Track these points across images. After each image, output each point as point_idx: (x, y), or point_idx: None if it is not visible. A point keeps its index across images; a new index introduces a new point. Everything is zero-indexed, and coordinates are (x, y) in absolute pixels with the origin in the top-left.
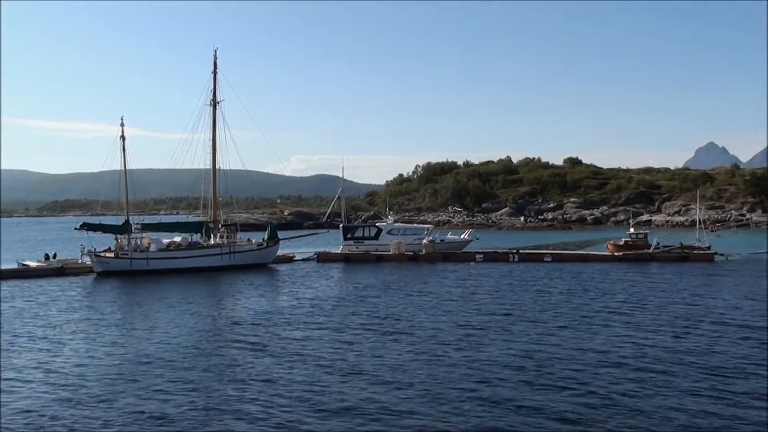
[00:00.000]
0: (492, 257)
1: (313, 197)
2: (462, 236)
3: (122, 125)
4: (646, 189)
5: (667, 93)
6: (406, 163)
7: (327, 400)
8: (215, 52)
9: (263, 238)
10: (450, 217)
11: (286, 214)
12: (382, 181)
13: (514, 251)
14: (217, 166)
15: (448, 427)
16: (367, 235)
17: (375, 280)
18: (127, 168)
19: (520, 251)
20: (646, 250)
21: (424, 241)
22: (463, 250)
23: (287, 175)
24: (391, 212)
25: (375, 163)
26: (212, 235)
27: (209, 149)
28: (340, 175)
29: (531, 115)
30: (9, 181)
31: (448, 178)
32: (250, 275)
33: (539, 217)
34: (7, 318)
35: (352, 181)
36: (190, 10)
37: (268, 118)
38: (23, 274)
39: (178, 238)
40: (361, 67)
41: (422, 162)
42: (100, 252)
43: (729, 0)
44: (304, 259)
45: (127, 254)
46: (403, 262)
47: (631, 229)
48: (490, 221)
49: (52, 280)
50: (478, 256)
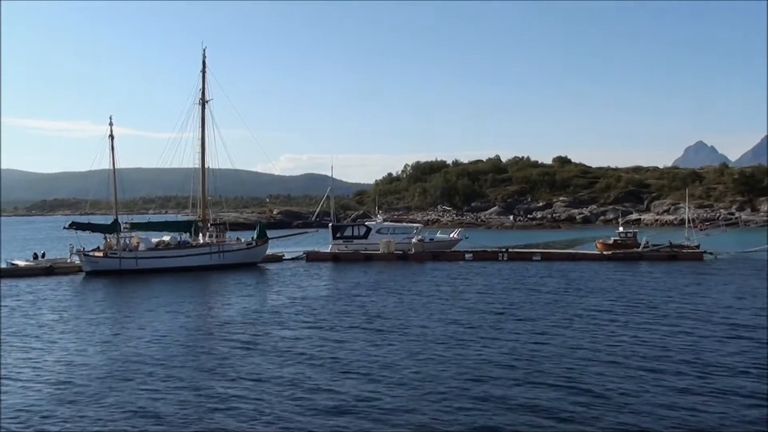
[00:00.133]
0: (481, 256)
1: (302, 196)
2: (451, 235)
3: (111, 124)
4: (635, 188)
5: (656, 92)
6: (395, 162)
7: (317, 398)
8: (204, 51)
9: (252, 238)
10: (439, 216)
11: (275, 213)
12: (372, 180)
13: (504, 250)
14: (206, 165)
15: (439, 425)
16: (356, 234)
17: (364, 279)
18: (116, 167)
19: (510, 250)
20: (635, 249)
21: (414, 241)
22: (453, 249)
23: (276, 174)
24: (381, 211)
25: (364, 162)
26: (201, 235)
27: (198, 148)
28: (329, 174)
29: (520, 114)
30: None
31: (437, 177)
32: (239, 274)
33: (528, 216)
34: None
35: (341, 180)
36: (179, 9)
37: (257, 117)
38: (12, 273)
39: (167, 238)
40: (350, 67)
41: (411, 161)
42: (89, 251)
43: (719, 0)
44: (293, 259)
45: (116, 253)
46: (393, 261)
47: (620, 228)
48: (480, 220)
49: (41, 280)
50: (467, 255)
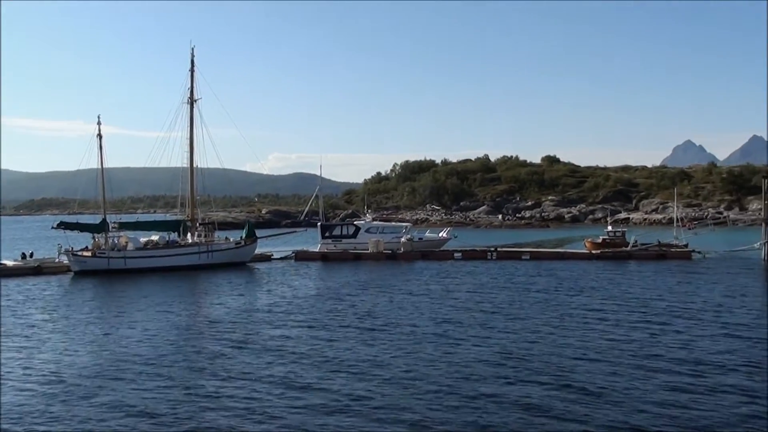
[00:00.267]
0: (470, 255)
1: (291, 196)
2: (440, 234)
3: (99, 123)
4: (624, 187)
5: (645, 91)
6: (384, 161)
7: (307, 396)
8: (192, 50)
9: (241, 237)
10: (428, 215)
11: (264, 212)
12: (360, 180)
13: (493, 249)
14: (195, 165)
15: (429, 423)
16: (345, 233)
17: (354, 278)
18: (104, 166)
19: (499, 249)
20: (624, 248)
21: (403, 240)
22: (442, 249)
23: (265, 173)
24: (369, 210)
25: (353, 161)
26: (190, 234)
27: (186, 147)
28: (318, 174)
29: (509, 113)
30: None
31: (426, 177)
32: (228, 274)
33: (517, 216)
34: None
35: (329, 180)
36: (167, 8)
37: (245, 116)
38: (0, 273)
39: (155, 237)
40: (339, 66)
41: (400, 160)
42: (78, 251)
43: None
44: (281, 258)
45: (105, 253)
46: (382, 260)
47: (609, 227)
48: (468, 219)
49: (29, 280)
50: (456, 255)
